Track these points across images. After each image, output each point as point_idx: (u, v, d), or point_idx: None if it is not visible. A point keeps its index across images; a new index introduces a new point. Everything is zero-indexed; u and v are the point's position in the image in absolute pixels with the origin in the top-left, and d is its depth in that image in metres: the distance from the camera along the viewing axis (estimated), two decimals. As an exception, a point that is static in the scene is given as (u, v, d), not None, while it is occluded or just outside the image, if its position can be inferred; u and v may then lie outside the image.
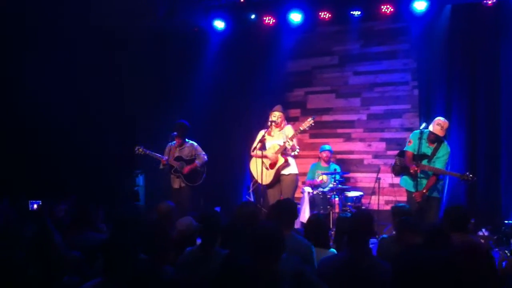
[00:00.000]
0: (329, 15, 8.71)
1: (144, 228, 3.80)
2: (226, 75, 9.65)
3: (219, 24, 9.17)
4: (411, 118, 8.74)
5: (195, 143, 7.86)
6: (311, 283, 3.28)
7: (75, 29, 7.47)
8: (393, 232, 5.49)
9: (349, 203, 8.13)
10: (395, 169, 6.97)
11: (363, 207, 8.21)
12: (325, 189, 8.23)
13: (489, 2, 7.72)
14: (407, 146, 6.71)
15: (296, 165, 7.29)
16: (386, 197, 8.66)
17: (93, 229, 4.68)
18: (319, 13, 8.71)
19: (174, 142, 7.77)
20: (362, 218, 3.76)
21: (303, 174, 8.82)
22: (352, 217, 3.97)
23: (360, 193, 8.35)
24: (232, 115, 9.70)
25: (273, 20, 9.01)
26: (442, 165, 6.47)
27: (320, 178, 8.51)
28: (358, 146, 9.27)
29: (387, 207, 8.25)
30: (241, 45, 9.53)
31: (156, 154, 7.72)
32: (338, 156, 9.22)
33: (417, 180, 6.44)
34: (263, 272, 3.09)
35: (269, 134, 7.23)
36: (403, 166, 6.73)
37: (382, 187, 8.35)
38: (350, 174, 9.08)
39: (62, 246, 3.63)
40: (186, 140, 7.80)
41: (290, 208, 4.52)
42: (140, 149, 7.68)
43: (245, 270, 2.72)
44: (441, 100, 8.20)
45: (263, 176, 7.15)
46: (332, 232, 6.54)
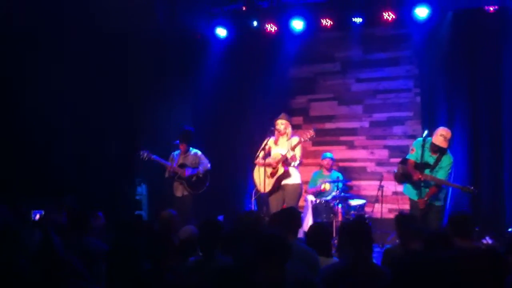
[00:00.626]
0: (331, 22, 8.70)
1: (147, 236, 3.77)
2: (228, 83, 9.64)
3: (221, 32, 9.16)
4: (414, 125, 8.71)
5: (199, 152, 7.86)
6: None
7: (78, 33, 7.48)
8: (396, 241, 5.46)
9: (352, 211, 8.08)
10: (398, 177, 6.93)
11: (366, 215, 8.17)
12: (328, 197, 8.19)
13: (491, 9, 7.71)
14: (410, 154, 6.67)
15: (299, 174, 7.23)
16: (389, 205, 8.61)
17: (93, 235, 4.65)
18: (321, 20, 8.70)
19: (178, 151, 7.76)
20: (358, 225, 3.72)
21: (305, 182, 8.78)
22: (348, 225, 3.93)
23: (363, 201, 8.31)
24: (234, 123, 9.67)
25: (275, 28, 9.00)
26: (445, 175, 6.44)
27: (323, 186, 8.48)
28: (361, 154, 9.24)
29: (391, 215, 8.19)
30: (243, 53, 9.52)
31: (162, 160, 7.70)
32: (341, 164, 9.19)
33: (421, 189, 6.41)
34: (267, 278, 3.06)
35: (275, 143, 7.19)
36: (406, 174, 6.69)
37: (385, 195, 8.31)
38: (353, 182, 9.05)
39: (63, 253, 3.60)
40: (191, 149, 7.79)
41: (294, 216, 4.49)
42: (145, 154, 7.67)
43: (246, 278, 2.69)
44: (444, 107, 8.17)
45: (265, 183, 7.12)
46: (335, 241, 6.50)
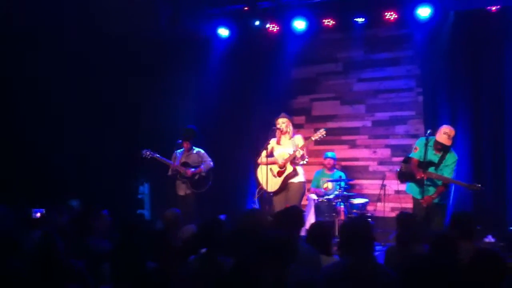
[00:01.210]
0: (333, 22, 8.72)
1: (150, 236, 3.79)
2: (230, 83, 9.66)
3: (223, 32, 9.18)
4: (416, 125, 8.72)
5: (202, 150, 7.89)
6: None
7: (80, 35, 7.51)
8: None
9: (355, 210, 8.11)
10: (401, 176, 6.93)
11: (368, 214, 8.19)
12: (330, 196, 8.21)
13: (493, 8, 7.71)
14: (413, 153, 6.67)
15: (304, 172, 7.26)
16: (392, 204, 8.62)
17: (98, 235, 4.67)
18: (323, 20, 8.72)
19: (181, 150, 7.79)
20: (359, 224, 3.73)
21: (308, 181, 8.79)
22: (348, 223, 3.94)
23: (366, 200, 8.33)
24: (237, 122, 9.69)
25: (277, 28, 9.02)
26: (450, 173, 6.43)
27: (325, 186, 8.50)
28: (363, 153, 9.25)
29: (393, 214, 8.21)
30: (245, 53, 9.53)
31: (164, 158, 7.73)
32: (343, 163, 9.20)
33: (424, 187, 6.41)
34: (270, 278, 3.08)
35: (278, 143, 7.21)
36: (409, 173, 6.69)
37: (388, 194, 8.32)
38: (355, 181, 9.06)
39: (65, 254, 3.62)
40: (194, 147, 7.82)
41: (297, 216, 4.51)
42: (148, 153, 7.70)
43: (252, 278, 2.71)
44: (446, 106, 8.18)
45: (270, 184, 7.13)
46: (337, 240, 6.51)
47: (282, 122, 7.16)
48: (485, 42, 7.97)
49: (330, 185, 8.47)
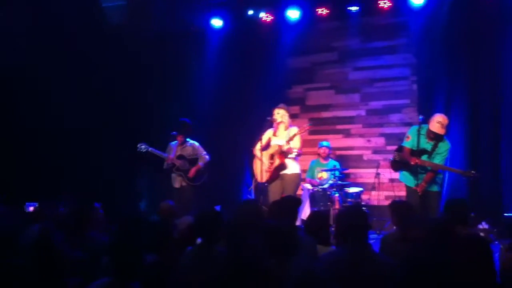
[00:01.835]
0: (327, 11, 8.71)
1: (148, 228, 3.80)
2: (225, 74, 9.63)
3: (217, 23, 9.15)
4: (411, 113, 8.74)
5: (197, 143, 7.88)
6: (321, 281, 3.26)
7: (75, 29, 7.48)
8: (394, 228, 5.49)
9: (349, 199, 8.14)
10: (394, 165, 6.94)
11: (363, 203, 8.22)
12: (325, 186, 8.24)
13: (489, -4, 7.71)
14: (406, 142, 6.67)
15: (298, 164, 7.22)
16: (386, 193, 8.66)
17: (95, 229, 4.67)
18: (317, 10, 8.71)
19: (176, 142, 7.78)
20: (355, 213, 3.75)
21: (303, 171, 8.80)
22: (346, 212, 3.95)
23: (360, 189, 8.35)
24: (232, 113, 9.68)
25: (271, 17, 9.00)
26: (441, 161, 6.43)
27: (320, 175, 8.53)
28: (358, 142, 9.27)
29: (387, 203, 8.22)
30: (240, 43, 9.51)
31: (159, 152, 7.72)
32: (338, 152, 9.22)
33: (417, 175, 6.43)
34: (274, 270, 3.09)
35: (274, 134, 7.16)
36: (403, 161, 6.71)
37: (382, 183, 8.38)
38: (350, 170, 9.08)
39: (63, 248, 3.62)
40: (188, 140, 7.81)
41: (294, 205, 4.53)
42: (143, 147, 7.69)
43: (254, 267, 2.72)
44: (441, 95, 8.20)
45: (262, 174, 7.14)
46: (333, 229, 6.54)
47: (277, 113, 7.11)
48: (481, 30, 7.96)
49: (325, 175, 8.49)
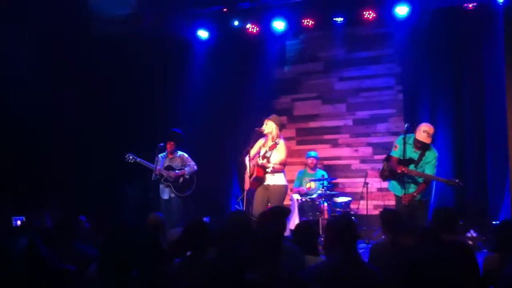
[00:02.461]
0: (312, 22, 8.75)
1: (136, 240, 3.77)
2: (212, 84, 9.64)
3: (203, 34, 9.17)
4: (397, 122, 8.80)
5: (185, 154, 7.86)
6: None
7: (64, 35, 7.47)
8: (383, 237, 5.50)
9: (338, 209, 8.16)
10: (383, 174, 6.97)
11: (352, 212, 8.24)
12: (314, 196, 8.25)
13: (470, 6, 7.80)
14: (393, 151, 6.71)
15: (284, 175, 7.17)
16: (375, 202, 8.69)
17: (82, 242, 4.63)
18: (302, 20, 8.74)
19: (164, 154, 7.75)
20: (344, 222, 3.75)
21: (291, 181, 8.82)
22: (334, 222, 3.95)
23: (349, 199, 8.38)
24: (219, 124, 9.67)
25: (257, 29, 9.03)
26: (432, 170, 6.45)
27: (308, 185, 8.54)
28: (345, 152, 9.30)
29: (376, 212, 8.29)
30: (226, 54, 9.52)
31: (146, 162, 7.68)
32: (326, 162, 9.24)
33: (405, 184, 6.47)
34: (262, 277, 3.08)
35: (264, 145, 7.06)
36: (391, 171, 6.74)
37: (370, 192, 8.40)
38: (338, 180, 9.10)
39: (50, 260, 3.59)
40: (177, 151, 7.79)
41: (282, 215, 4.52)
42: (130, 157, 7.63)
43: (241, 277, 2.71)
44: (426, 104, 8.28)
45: (246, 181, 7.11)
46: (322, 239, 6.54)
47: (265, 124, 7.07)
48: (464, 39, 8.09)
49: (313, 185, 8.51)
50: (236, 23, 8.84)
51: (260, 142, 7.16)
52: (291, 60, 9.57)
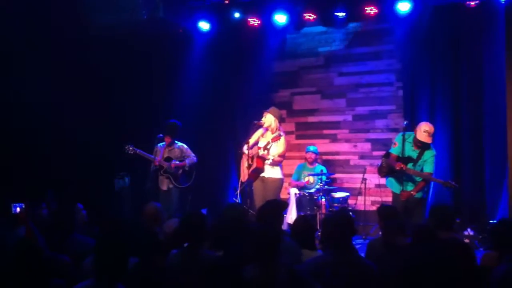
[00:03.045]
0: (314, 17, 8.73)
1: (132, 230, 3.77)
2: (212, 77, 9.63)
3: (204, 25, 9.13)
4: (396, 119, 8.79)
5: (185, 145, 7.84)
6: (305, 282, 3.28)
7: (64, 29, 7.44)
8: (379, 233, 5.51)
9: (336, 204, 8.17)
10: (382, 171, 6.98)
11: (350, 208, 8.25)
12: (312, 190, 8.25)
13: (472, 3, 7.78)
14: (392, 148, 6.72)
15: (281, 169, 7.18)
16: (372, 198, 8.70)
17: (79, 231, 4.63)
18: (304, 15, 8.72)
19: (163, 144, 7.73)
20: (343, 218, 3.76)
21: (290, 175, 8.84)
22: (333, 217, 3.96)
23: (347, 194, 8.39)
24: (218, 116, 9.68)
25: (258, 22, 8.99)
26: (430, 168, 6.48)
27: (307, 179, 8.55)
28: (344, 147, 9.30)
29: (373, 208, 8.30)
30: (227, 47, 9.50)
31: (146, 154, 7.67)
32: (324, 157, 9.24)
33: (403, 182, 6.48)
34: (259, 274, 3.09)
35: (262, 135, 7.15)
36: (389, 168, 6.75)
37: (368, 188, 8.41)
38: (336, 175, 9.11)
39: (47, 249, 3.59)
40: (176, 142, 7.78)
41: (279, 209, 4.53)
42: (130, 148, 7.61)
43: (236, 272, 2.71)
44: (425, 101, 8.26)
45: (244, 173, 7.18)
46: (319, 233, 6.55)
47: (264, 116, 7.11)
48: (465, 37, 8.06)
49: (312, 179, 8.51)
50: (237, 15, 8.81)
51: (259, 132, 7.18)
52: (292, 54, 9.54)
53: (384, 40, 8.92)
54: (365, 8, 8.31)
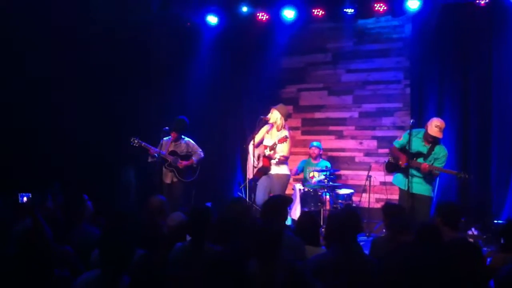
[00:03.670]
0: (323, 12, 8.69)
1: (137, 223, 3.78)
2: (219, 71, 9.63)
3: (212, 19, 9.11)
4: (403, 117, 8.77)
5: (192, 141, 7.84)
6: (305, 280, 3.28)
7: (69, 21, 7.43)
8: (383, 230, 5.50)
9: (340, 201, 8.16)
10: (389, 167, 7.00)
11: (354, 205, 8.24)
12: (316, 186, 8.25)
13: (482, 2, 7.72)
14: (396, 141, 6.77)
15: (287, 165, 7.22)
16: (377, 195, 8.69)
17: (85, 222, 4.64)
18: (313, 10, 8.68)
19: (169, 137, 7.73)
20: (348, 215, 3.75)
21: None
22: (338, 214, 3.95)
23: (351, 191, 8.37)
24: (224, 111, 9.68)
25: (266, 17, 8.96)
26: (441, 166, 6.53)
27: (311, 175, 8.54)
28: (350, 144, 9.28)
29: (378, 205, 8.27)
30: (234, 41, 9.49)
31: (151, 147, 7.67)
32: (330, 154, 9.24)
33: (408, 178, 6.48)
34: (260, 269, 3.09)
35: (267, 132, 7.22)
36: (396, 163, 6.76)
37: (373, 185, 8.39)
38: (341, 172, 9.08)
39: (53, 240, 3.60)
40: (182, 137, 7.78)
41: (284, 205, 4.53)
42: (136, 141, 7.62)
43: (238, 267, 2.71)
44: (433, 99, 8.23)
45: (250, 170, 7.23)
46: (323, 229, 6.54)
47: (271, 112, 7.15)
48: (474, 36, 8.00)
49: (317, 174, 8.50)
50: (246, 10, 8.78)
51: (265, 129, 7.20)
52: (299, 50, 9.51)
53: (393, 38, 8.89)
54: (375, 5, 8.27)
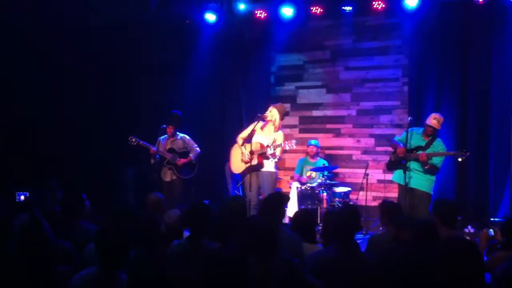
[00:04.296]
0: (321, 10, 8.69)
1: (135, 220, 3.78)
2: (218, 68, 9.63)
3: (211, 17, 9.10)
4: (401, 115, 8.76)
5: (187, 136, 7.85)
6: (302, 277, 3.28)
7: (67, 20, 7.42)
8: (380, 228, 5.51)
9: (337, 199, 8.18)
10: (390, 165, 7.07)
11: (351, 203, 8.25)
12: (313, 184, 8.25)
13: (480, 0, 7.74)
14: (396, 137, 6.86)
15: (274, 163, 7.18)
16: (374, 193, 8.70)
17: (83, 219, 4.64)
18: (311, 8, 8.69)
19: (165, 136, 7.74)
20: (349, 213, 3.75)
21: (291, 169, 8.83)
22: (339, 212, 3.96)
23: (348, 189, 8.38)
24: (223, 109, 9.68)
25: (265, 14, 8.97)
26: (440, 161, 6.67)
27: (308, 174, 8.54)
28: (347, 142, 9.28)
29: (375, 203, 8.30)
30: (233, 39, 9.49)
31: (150, 145, 7.67)
32: (327, 151, 9.23)
33: (406, 173, 6.53)
34: (259, 266, 3.09)
35: (261, 128, 7.15)
36: (397, 160, 6.81)
37: (370, 183, 8.40)
38: (339, 170, 9.10)
39: (52, 236, 3.60)
40: (177, 133, 7.78)
41: (281, 202, 4.53)
42: (134, 139, 7.63)
43: (235, 264, 2.72)
44: (431, 97, 8.23)
45: (235, 165, 7.28)
46: (320, 227, 6.56)
47: (269, 110, 7.12)
48: (472, 33, 8.01)
49: (314, 174, 8.51)
50: (244, 7, 8.78)
51: (259, 125, 7.10)
52: (298, 48, 9.50)
53: (392, 35, 8.88)
54: (373, 3, 8.29)
